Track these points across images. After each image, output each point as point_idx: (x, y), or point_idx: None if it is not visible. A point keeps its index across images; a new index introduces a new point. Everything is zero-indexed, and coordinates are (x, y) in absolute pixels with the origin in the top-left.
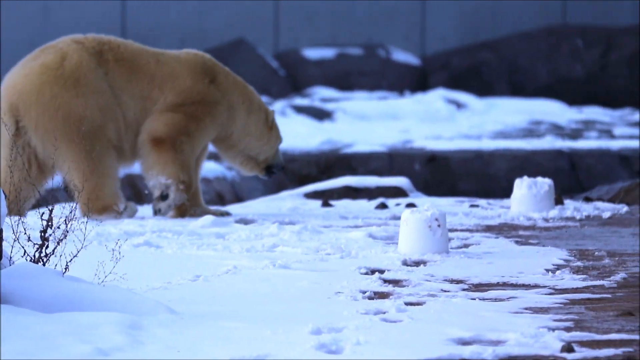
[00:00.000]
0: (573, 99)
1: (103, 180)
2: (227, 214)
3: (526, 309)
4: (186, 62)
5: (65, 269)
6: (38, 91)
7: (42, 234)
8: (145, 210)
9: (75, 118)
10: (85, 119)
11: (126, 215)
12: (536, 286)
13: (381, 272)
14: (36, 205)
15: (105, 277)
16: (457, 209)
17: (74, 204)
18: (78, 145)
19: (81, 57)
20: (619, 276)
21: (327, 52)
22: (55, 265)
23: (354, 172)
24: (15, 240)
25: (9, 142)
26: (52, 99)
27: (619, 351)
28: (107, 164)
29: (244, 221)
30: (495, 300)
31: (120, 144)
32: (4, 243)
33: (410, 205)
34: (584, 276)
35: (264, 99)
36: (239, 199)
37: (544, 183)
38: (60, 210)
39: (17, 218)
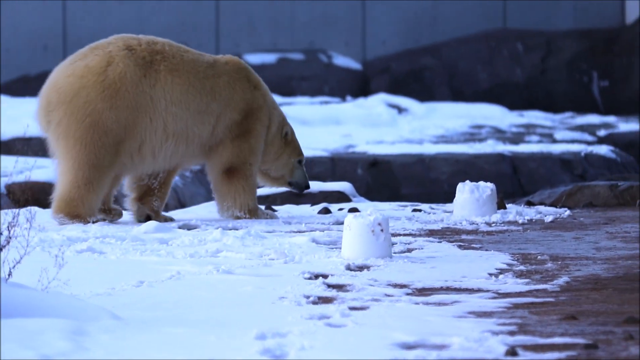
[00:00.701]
0: (513, 103)
1: (91, 195)
2: (171, 219)
3: (470, 313)
4: (234, 71)
5: (9, 275)
6: (75, 93)
7: None
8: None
9: (101, 128)
10: (111, 133)
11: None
12: (479, 290)
13: (325, 277)
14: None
15: (49, 283)
16: (399, 214)
17: (17, 211)
18: (90, 154)
19: (127, 66)
20: (562, 280)
21: (268, 57)
22: None
23: None
24: None
25: None
26: (86, 103)
27: (562, 355)
28: (104, 180)
29: (187, 227)
30: (439, 304)
31: (151, 154)
32: None
33: (353, 210)
34: (527, 280)
35: None
36: (181, 204)
37: (486, 187)
38: (3, 217)
39: None
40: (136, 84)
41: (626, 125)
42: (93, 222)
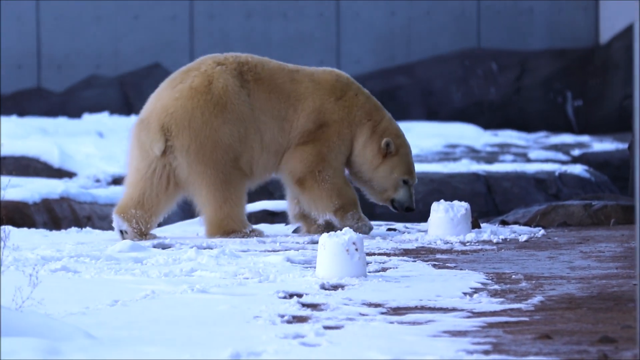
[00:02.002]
0: (488, 122)
1: (235, 209)
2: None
3: (444, 332)
4: (317, 80)
5: None
6: (190, 116)
7: None
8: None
9: (221, 146)
10: (229, 148)
11: (253, 236)
12: (454, 309)
13: (299, 296)
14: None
15: (23, 302)
16: (374, 233)
17: None
18: (219, 173)
19: (226, 80)
20: (536, 299)
21: None
22: None
23: (270, 196)
24: None
25: (150, 159)
26: (203, 125)
27: None
28: (240, 193)
29: (162, 246)
30: (414, 323)
31: (251, 168)
32: None
33: None
34: (502, 299)
35: None
36: None
37: (461, 206)
38: None
39: None
40: (238, 95)
41: (600, 145)
42: (250, 232)
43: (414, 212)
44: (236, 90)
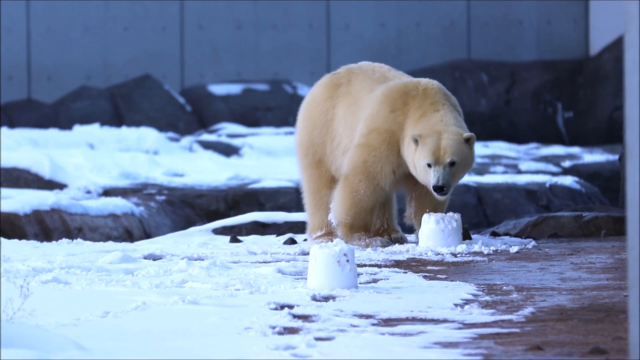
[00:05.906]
0: (478, 133)
1: (313, 212)
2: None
3: (435, 343)
4: (388, 89)
5: None
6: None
7: None
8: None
9: (301, 149)
10: (309, 151)
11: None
12: (445, 321)
13: (290, 307)
14: None
15: (14, 314)
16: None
17: None
18: (304, 171)
19: (316, 91)
20: (527, 310)
21: (233, 88)
22: None
23: (261, 207)
24: None
25: None
26: (295, 130)
27: None
28: (321, 194)
29: (153, 257)
30: (405, 335)
31: (332, 172)
32: None
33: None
34: (493, 311)
35: (171, 134)
36: (147, 234)
37: (452, 218)
38: None
39: None
40: (320, 104)
41: (590, 156)
42: (321, 236)
43: (444, 192)
44: (321, 100)
